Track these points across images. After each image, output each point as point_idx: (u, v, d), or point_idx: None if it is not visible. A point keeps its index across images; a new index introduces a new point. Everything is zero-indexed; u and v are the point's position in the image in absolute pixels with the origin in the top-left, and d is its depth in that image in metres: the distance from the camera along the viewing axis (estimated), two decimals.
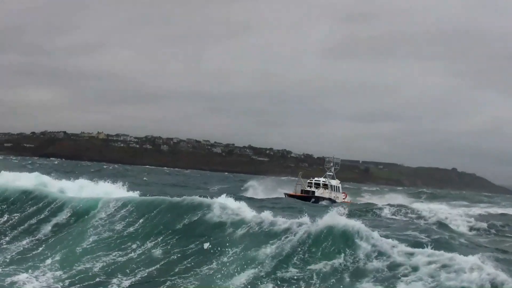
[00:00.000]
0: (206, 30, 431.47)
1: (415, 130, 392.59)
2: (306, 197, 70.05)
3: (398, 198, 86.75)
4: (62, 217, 24.56)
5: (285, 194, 72.31)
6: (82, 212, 24.56)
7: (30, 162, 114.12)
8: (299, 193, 72.13)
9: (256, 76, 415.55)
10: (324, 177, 78.64)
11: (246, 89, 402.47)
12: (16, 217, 25.25)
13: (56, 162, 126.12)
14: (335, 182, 78.51)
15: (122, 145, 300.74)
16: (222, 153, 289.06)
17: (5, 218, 25.22)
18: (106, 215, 23.62)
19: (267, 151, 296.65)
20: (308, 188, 73.72)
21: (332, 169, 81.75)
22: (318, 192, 72.77)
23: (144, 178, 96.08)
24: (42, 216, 24.96)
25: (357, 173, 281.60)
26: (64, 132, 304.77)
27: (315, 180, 76.43)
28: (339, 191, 79.03)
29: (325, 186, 75.37)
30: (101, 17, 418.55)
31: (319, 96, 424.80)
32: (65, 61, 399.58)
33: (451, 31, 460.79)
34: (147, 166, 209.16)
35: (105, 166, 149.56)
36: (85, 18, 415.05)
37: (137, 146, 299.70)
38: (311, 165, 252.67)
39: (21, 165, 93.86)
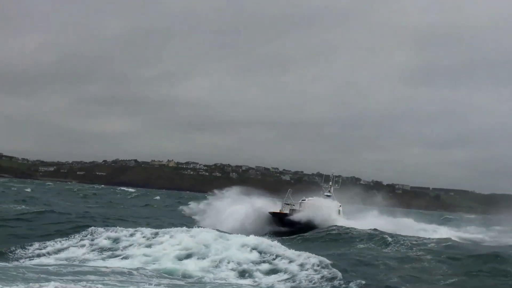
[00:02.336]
0: (282, 59, 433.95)
1: (488, 156, 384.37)
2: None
3: None
4: None
5: (270, 213, 57.69)
6: None
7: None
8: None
9: (331, 103, 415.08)
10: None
11: (320, 116, 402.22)
12: None
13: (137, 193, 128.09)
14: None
15: (191, 172, 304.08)
16: (291, 181, 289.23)
17: None
18: None
19: (336, 178, 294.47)
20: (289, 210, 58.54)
21: (331, 189, 66.47)
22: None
23: None
24: None
25: (428, 200, 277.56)
26: (135, 160, 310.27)
27: (301, 201, 60.67)
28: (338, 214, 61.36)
29: None
30: (182, 48, 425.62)
31: (393, 123, 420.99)
32: (141, 92, 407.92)
33: None
34: None
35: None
36: (166, 49, 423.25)
37: (207, 173, 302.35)
38: (380, 191, 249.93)
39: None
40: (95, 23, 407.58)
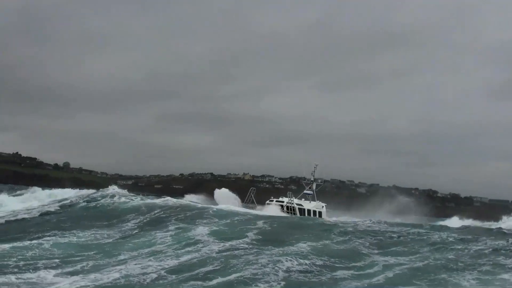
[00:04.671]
0: (364, 76, 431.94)
1: None
2: None
3: None
4: None
5: None
6: None
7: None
8: None
9: (415, 119, 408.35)
10: (290, 198, 51.89)
11: (402, 131, 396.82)
12: None
13: None
14: (312, 205, 53.87)
15: (267, 185, 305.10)
16: (366, 193, 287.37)
17: None
18: None
19: (412, 191, 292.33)
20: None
21: (313, 186, 57.87)
22: None
23: None
24: None
25: (508, 213, 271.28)
26: (211, 174, 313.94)
27: (275, 201, 51.51)
28: (319, 217, 51.92)
29: (290, 210, 50.63)
30: (266, 66, 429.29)
31: (475, 137, 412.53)
32: (222, 109, 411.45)
33: None
34: None
35: None
36: (250, 68, 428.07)
37: (282, 186, 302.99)
38: (458, 205, 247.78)
39: None
40: (183, 44, 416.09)
